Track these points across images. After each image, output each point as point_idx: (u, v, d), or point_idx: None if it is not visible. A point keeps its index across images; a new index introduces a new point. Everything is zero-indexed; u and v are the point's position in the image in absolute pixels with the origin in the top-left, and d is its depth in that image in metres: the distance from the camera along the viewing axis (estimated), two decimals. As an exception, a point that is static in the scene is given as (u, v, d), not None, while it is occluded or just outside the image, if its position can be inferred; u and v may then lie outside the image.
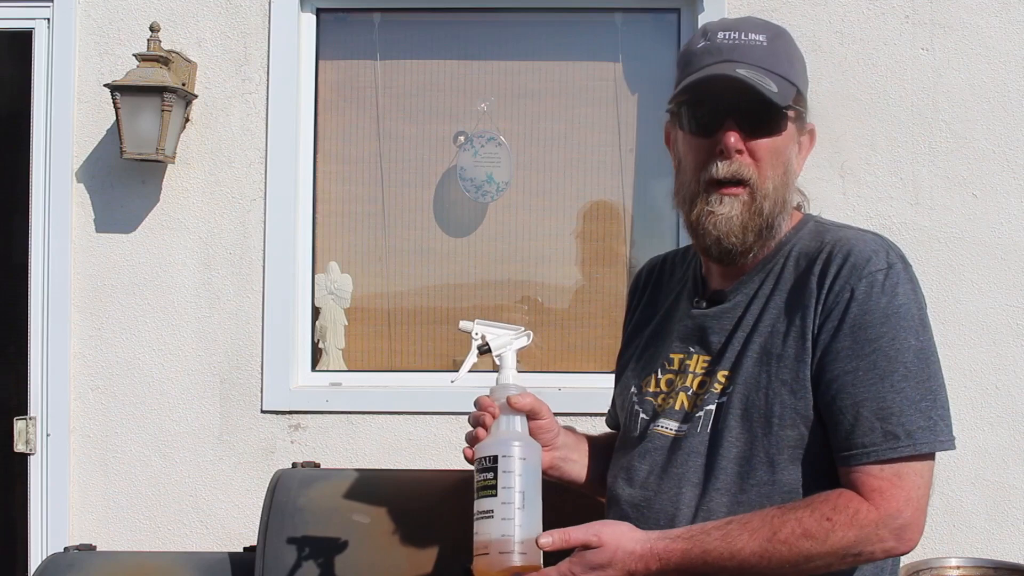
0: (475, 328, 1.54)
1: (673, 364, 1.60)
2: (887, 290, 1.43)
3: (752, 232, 1.51)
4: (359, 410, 3.13)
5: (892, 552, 1.40)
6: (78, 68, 3.16)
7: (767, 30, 1.54)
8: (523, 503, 1.41)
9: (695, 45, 1.55)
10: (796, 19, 3.05)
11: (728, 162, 1.49)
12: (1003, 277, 3.02)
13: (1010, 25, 3.03)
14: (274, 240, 3.14)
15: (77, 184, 3.16)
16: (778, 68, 1.50)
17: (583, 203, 3.29)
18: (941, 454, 1.42)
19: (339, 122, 3.30)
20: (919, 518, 1.39)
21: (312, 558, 2.05)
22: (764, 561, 1.37)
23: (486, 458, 1.44)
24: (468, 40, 3.32)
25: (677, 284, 1.72)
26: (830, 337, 1.43)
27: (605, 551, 1.41)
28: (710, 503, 1.47)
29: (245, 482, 3.12)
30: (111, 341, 3.15)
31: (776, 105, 1.47)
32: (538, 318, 3.30)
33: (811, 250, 1.51)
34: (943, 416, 1.41)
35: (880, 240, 1.50)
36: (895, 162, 3.05)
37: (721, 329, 1.55)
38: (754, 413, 1.47)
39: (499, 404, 1.50)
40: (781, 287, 1.51)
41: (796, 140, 1.55)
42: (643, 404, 1.62)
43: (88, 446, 3.15)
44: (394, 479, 2.35)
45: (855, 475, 1.40)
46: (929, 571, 2.42)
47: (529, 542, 1.40)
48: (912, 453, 1.38)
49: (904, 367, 1.40)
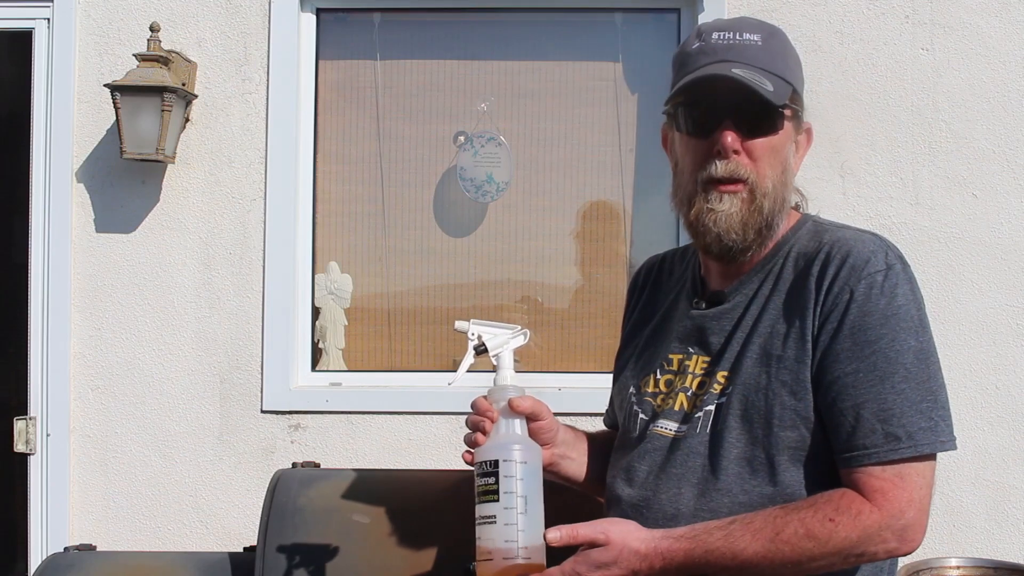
0: (471, 328, 1.53)
1: (672, 364, 1.60)
2: (886, 291, 1.43)
3: (752, 229, 1.50)
4: (359, 410, 3.13)
5: (894, 553, 1.40)
6: (78, 68, 3.16)
7: (762, 30, 1.53)
8: (525, 508, 1.40)
9: (690, 46, 1.55)
10: (796, 19, 3.05)
11: (726, 162, 1.49)
12: (1003, 277, 3.02)
13: (1010, 25, 3.03)
14: (274, 240, 3.14)
15: (77, 184, 3.16)
16: (774, 67, 1.50)
17: (583, 203, 3.29)
18: (942, 454, 1.42)
19: (339, 122, 3.30)
20: (922, 518, 1.39)
21: (312, 558, 2.05)
22: (767, 561, 1.37)
23: (487, 463, 1.42)
24: (468, 40, 3.32)
25: (676, 284, 1.72)
26: (830, 338, 1.43)
27: (611, 549, 1.40)
28: (711, 503, 1.47)
29: (245, 482, 3.12)
30: (111, 341, 3.15)
31: (772, 104, 1.47)
32: (538, 318, 3.30)
33: (810, 250, 1.51)
34: (944, 416, 1.41)
35: (879, 240, 1.49)
36: (895, 162, 3.05)
37: (720, 330, 1.54)
38: (754, 414, 1.46)
39: (498, 407, 1.49)
40: (780, 288, 1.51)
41: (793, 139, 1.55)
42: (642, 404, 1.62)
43: (88, 446, 3.15)
44: (394, 479, 2.35)
45: (857, 476, 1.40)
46: (929, 571, 2.42)
47: (533, 546, 1.39)
48: (914, 454, 1.38)
49: (904, 368, 1.40)
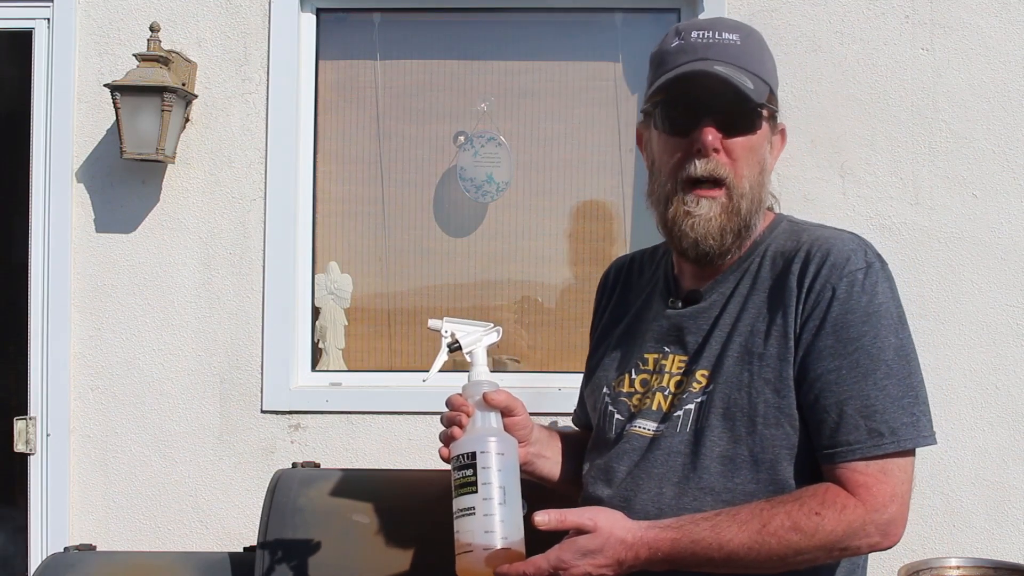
0: (444, 326, 1.54)
1: (648, 364, 1.61)
2: (867, 289, 1.45)
3: (730, 233, 1.52)
4: (359, 410, 3.13)
5: (877, 547, 1.42)
6: (78, 68, 3.16)
7: (739, 30, 1.55)
8: (504, 498, 1.40)
9: (669, 44, 1.56)
10: (796, 19, 3.05)
11: (706, 160, 1.50)
12: (1003, 277, 3.02)
13: (1010, 25, 3.03)
14: (274, 240, 3.14)
15: (77, 184, 3.16)
16: (752, 67, 1.52)
17: (583, 203, 3.29)
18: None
19: (339, 122, 3.30)
20: (903, 513, 1.42)
21: (312, 558, 2.05)
22: (752, 553, 1.39)
23: (464, 455, 1.43)
24: (468, 40, 3.32)
25: (647, 284, 1.73)
26: (812, 336, 1.45)
27: (598, 537, 1.41)
28: (693, 502, 1.48)
29: (245, 482, 3.12)
30: (111, 341, 3.15)
31: (753, 102, 1.49)
32: (538, 318, 3.30)
33: (788, 250, 1.53)
34: (924, 412, 1.44)
35: (857, 239, 1.51)
36: (895, 162, 3.05)
37: (698, 329, 1.55)
38: (737, 412, 1.48)
39: (473, 401, 1.50)
40: (759, 287, 1.52)
41: (769, 139, 1.57)
42: (617, 405, 1.62)
43: (88, 446, 3.15)
44: (394, 479, 2.35)
45: (840, 471, 1.42)
46: (929, 571, 2.42)
47: (512, 537, 1.40)
48: (897, 449, 1.41)
49: (886, 365, 1.43)
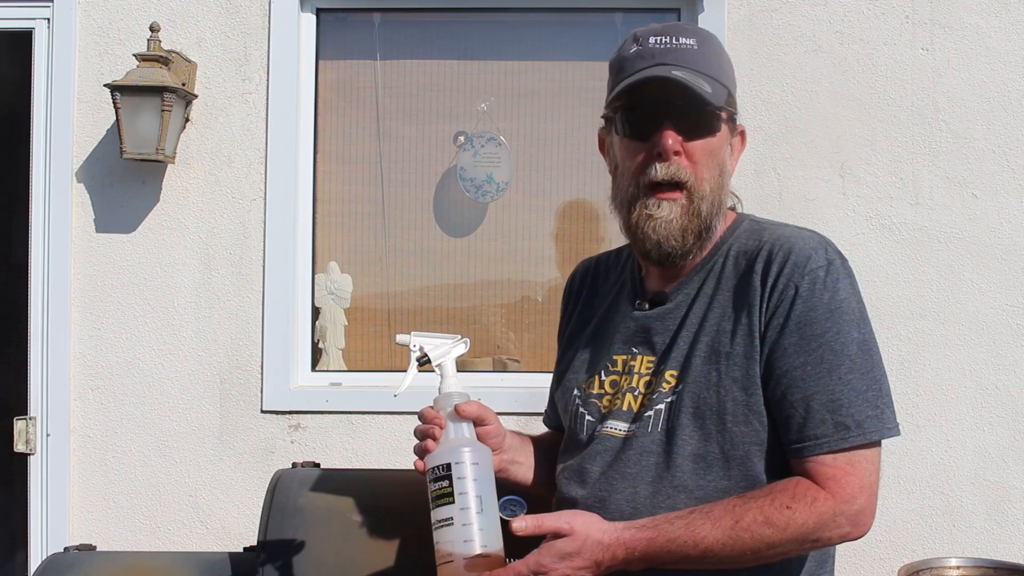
0: (412, 340, 1.58)
1: (617, 365, 1.62)
2: (829, 286, 1.48)
3: (692, 234, 1.55)
4: (359, 410, 3.13)
5: (847, 537, 1.45)
6: (78, 68, 3.16)
7: (696, 34, 1.58)
8: (481, 507, 1.42)
9: (627, 51, 1.58)
10: (796, 19, 3.05)
11: (667, 164, 1.52)
12: (1003, 277, 3.02)
13: (1010, 25, 3.04)
14: (274, 240, 3.14)
15: (77, 184, 3.16)
16: (709, 70, 1.54)
17: (583, 203, 3.29)
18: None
19: (339, 122, 3.30)
20: (872, 503, 1.45)
21: (312, 558, 2.05)
22: (727, 549, 1.41)
23: (439, 467, 1.45)
24: (468, 40, 3.32)
25: (613, 286, 1.75)
26: (777, 334, 1.48)
27: (575, 539, 1.42)
28: (668, 500, 1.49)
29: (245, 482, 3.12)
30: (111, 341, 3.15)
31: (711, 105, 1.51)
32: (538, 318, 3.30)
33: (750, 249, 1.55)
34: (888, 404, 1.47)
35: (817, 237, 1.54)
36: (895, 162, 3.05)
37: (665, 329, 1.58)
38: (706, 411, 1.50)
39: (445, 413, 1.53)
40: (723, 286, 1.55)
41: (729, 141, 1.59)
42: (588, 406, 1.64)
43: (88, 446, 3.15)
44: (394, 479, 2.34)
45: (809, 465, 1.45)
46: (929, 571, 2.42)
47: (491, 544, 1.41)
48: (863, 442, 1.44)
49: (849, 360, 1.46)
